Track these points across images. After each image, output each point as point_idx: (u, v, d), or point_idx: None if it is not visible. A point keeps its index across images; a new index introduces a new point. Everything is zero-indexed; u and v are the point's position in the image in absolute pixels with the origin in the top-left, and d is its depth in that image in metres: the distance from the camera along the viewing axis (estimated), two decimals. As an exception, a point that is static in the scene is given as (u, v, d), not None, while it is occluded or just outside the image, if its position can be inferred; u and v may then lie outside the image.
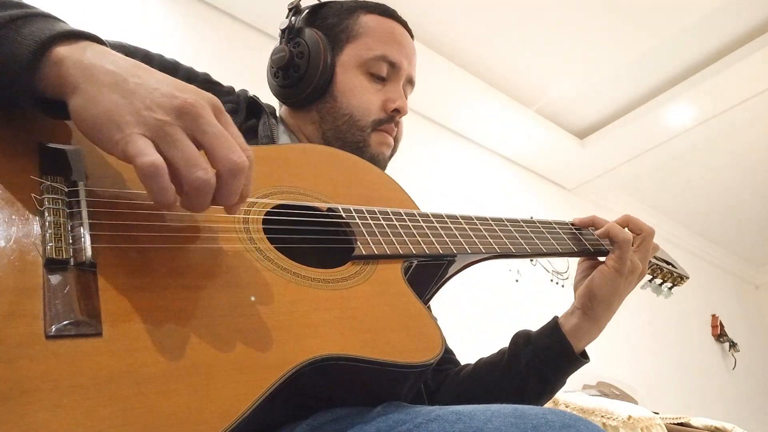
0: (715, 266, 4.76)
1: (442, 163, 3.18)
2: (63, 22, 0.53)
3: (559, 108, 3.29)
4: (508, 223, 0.82)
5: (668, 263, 1.02)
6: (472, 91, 3.02)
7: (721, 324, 4.34)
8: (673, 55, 2.90)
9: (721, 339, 4.30)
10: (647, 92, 3.16)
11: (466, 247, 0.73)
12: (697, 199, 4.10)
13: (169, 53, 0.88)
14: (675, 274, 1.01)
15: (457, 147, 3.30)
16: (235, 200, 0.51)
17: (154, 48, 0.86)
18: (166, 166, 0.46)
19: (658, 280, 1.01)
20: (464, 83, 2.97)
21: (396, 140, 0.96)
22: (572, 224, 0.90)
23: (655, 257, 0.98)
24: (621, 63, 2.94)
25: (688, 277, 1.03)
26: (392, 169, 0.94)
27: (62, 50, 0.49)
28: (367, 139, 0.90)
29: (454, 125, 3.27)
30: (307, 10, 0.95)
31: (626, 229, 0.88)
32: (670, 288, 1.03)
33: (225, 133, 0.49)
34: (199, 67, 0.93)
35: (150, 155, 0.45)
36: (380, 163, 0.91)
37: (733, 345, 4.31)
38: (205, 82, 0.91)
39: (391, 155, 0.96)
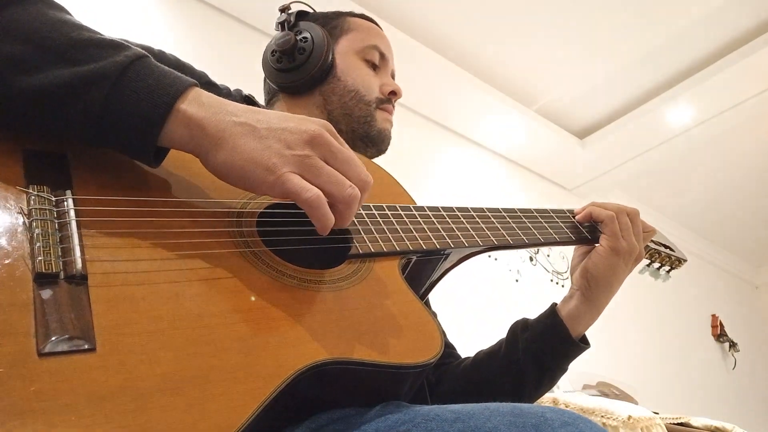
0: (715, 266, 4.75)
1: (442, 163, 3.18)
2: (161, 66, 0.54)
3: (559, 108, 3.28)
4: (505, 214, 0.81)
5: (666, 246, 1.01)
6: (472, 91, 3.01)
7: (721, 324, 4.34)
8: (673, 55, 2.90)
9: (721, 339, 4.30)
10: (647, 92, 3.15)
11: (464, 240, 0.72)
12: (697, 199, 4.10)
13: (167, 51, 0.87)
14: (673, 258, 1.01)
15: (458, 147, 3.30)
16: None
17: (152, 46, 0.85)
18: (323, 195, 0.51)
19: (656, 264, 1.01)
20: (464, 83, 2.96)
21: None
22: (570, 212, 0.90)
23: (652, 241, 0.97)
24: (621, 63, 2.93)
25: (686, 260, 1.03)
26: (392, 168, 0.93)
27: (184, 108, 0.51)
28: (374, 114, 0.94)
29: (454, 125, 3.26)
30: (294, 14, 0.98)
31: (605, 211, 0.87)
32: (668, 272, 1.02)
33: (351, 155, 0.55)
34: (198, 66, 0.92)
35: (310, 189, 0.51)
36: (387, 139, 0.96)
37: (733, 345, 4.31)
38: (206, 84, 0.90)
39: None
